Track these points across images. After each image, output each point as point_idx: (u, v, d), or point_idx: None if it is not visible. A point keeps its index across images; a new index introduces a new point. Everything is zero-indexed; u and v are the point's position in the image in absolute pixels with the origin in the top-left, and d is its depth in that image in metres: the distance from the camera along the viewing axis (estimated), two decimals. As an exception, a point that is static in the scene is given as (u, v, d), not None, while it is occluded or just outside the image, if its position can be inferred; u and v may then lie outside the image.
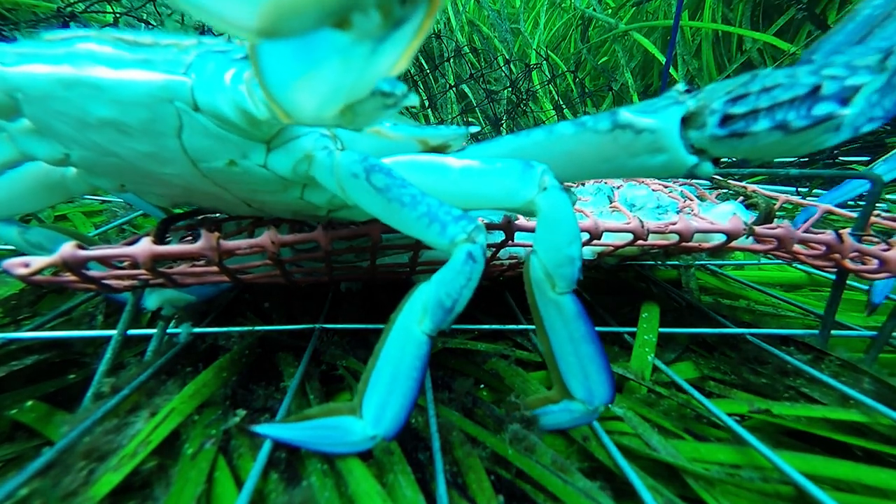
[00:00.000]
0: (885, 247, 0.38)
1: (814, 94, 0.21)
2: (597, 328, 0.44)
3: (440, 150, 0.34)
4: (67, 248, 0.27)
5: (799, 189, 0.83)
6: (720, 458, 0.32)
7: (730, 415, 0.34)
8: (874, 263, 0.38)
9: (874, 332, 0.42)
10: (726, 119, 0.22)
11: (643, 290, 0.55)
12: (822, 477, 0.30)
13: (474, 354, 0.42)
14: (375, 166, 0.25)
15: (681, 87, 0.25)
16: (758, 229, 0.38)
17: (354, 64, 0.15)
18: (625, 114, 0.25)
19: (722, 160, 1.07)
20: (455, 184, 0.27)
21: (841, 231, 0.39)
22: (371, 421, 0.26)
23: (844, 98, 0.21)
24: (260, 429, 0.28)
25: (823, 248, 0.39)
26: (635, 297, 0.50)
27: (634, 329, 0.44)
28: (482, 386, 0.40)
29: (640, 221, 0.35)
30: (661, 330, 0.43)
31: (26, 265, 0.27)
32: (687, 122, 0.24)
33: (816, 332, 0.43)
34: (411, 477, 0.29)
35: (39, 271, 0.27)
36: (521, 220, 0.47)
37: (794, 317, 0.50)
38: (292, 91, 0.17)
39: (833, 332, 0.42)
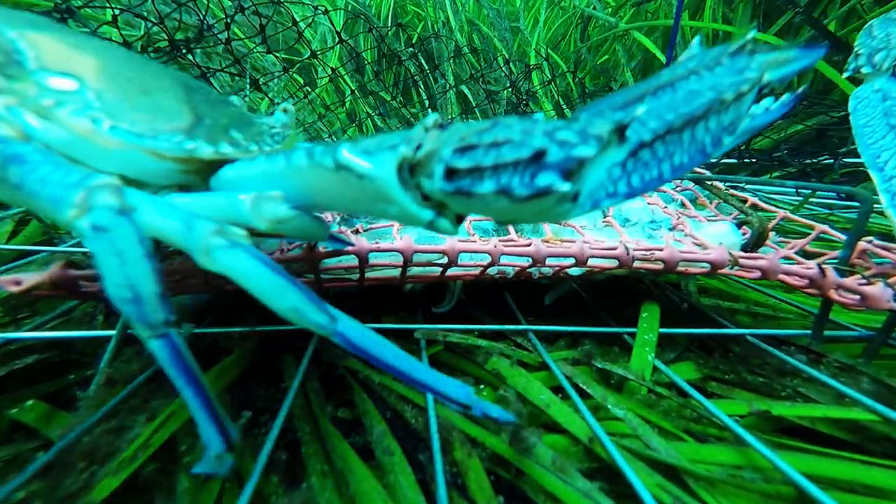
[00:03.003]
0: (865, 282, 0.38)
1: (537, 160, 0.17)
2: (597, 328, 0.44)
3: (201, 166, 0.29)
4: (56, 270, 0.28)
5: (799, 190, 0.82)
6: (721, 458, 0.32)
7: (730, 416, 0.34)
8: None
9: (868, 332, 0.42)
10: (451, 173, 0.19)
11: (643, 290, 0.55)
12: (822, 477, 0.30)
13: (475, 354, 0.42)
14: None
15: (431, 118, 0.20)
16: (742, 261, 0.39)
17: None
18: (344, 153, 0.20)
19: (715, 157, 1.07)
20: None
21: (824, 266, 0.39)
22: None
23: (568, 170, 0.17)
24: None
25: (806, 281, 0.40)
26: (635, 298, 0.50)
27: (634, 329, 0.44)
28: (482, 386, 0.40)
29: (626, 248, 0.35)
30: (661, 331, 0.43)
31: (17, 283, 0.28)
32: (414, 169, 0.19)
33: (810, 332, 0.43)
34: (411, 477, 0.29)
35: (30, 290, 0.28)
36: (512, 232, 0.48)
37: (793, 318, 0.50)
38: None
39: (828, 332, 0.42)
